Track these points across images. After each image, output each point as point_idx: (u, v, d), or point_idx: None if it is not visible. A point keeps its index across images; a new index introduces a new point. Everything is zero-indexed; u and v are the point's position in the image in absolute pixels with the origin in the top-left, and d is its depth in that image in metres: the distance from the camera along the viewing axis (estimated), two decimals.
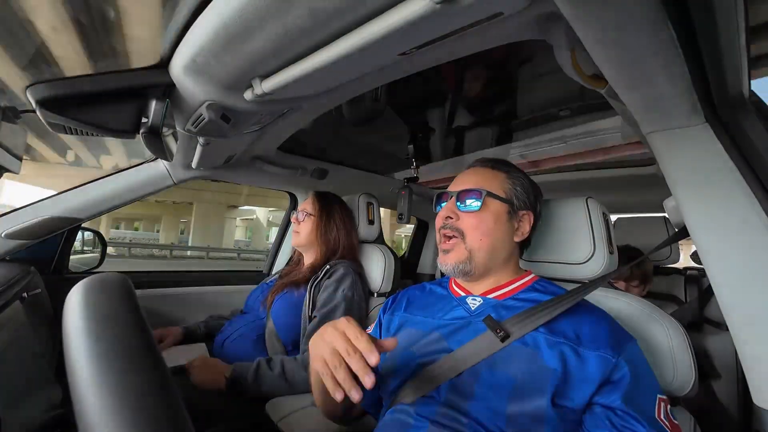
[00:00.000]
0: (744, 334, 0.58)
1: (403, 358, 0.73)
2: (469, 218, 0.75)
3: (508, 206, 0.76)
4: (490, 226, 0.74)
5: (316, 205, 1.35)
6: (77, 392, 0.25)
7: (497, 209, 0.75)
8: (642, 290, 1.44)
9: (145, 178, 1.29)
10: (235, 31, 0.54)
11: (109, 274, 0.34)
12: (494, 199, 0.75)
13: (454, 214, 0.76)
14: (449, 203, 0.78)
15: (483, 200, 0.74)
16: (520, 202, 0.77)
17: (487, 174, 0.80)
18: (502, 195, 0.76)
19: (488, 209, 0.75)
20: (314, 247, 1.32)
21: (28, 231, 1.12)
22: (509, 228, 0.77)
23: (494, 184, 0.77)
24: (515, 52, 0.88)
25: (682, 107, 0.59)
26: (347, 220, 1.38)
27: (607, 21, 0.43)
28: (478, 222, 0.74)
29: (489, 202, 0.75)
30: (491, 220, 0.74)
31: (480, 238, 0.74)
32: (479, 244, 0.74)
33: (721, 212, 0.60)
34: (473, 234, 0.74)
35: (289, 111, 0.90)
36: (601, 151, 1.52)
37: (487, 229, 0.74)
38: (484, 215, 0.74)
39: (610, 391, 0.58)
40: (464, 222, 0.75)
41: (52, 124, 0.73)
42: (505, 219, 0.76)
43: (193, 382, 1.00)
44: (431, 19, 0.47)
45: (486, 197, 0.74)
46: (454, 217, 0.76)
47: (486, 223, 0.74)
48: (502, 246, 0.76)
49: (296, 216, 1.36)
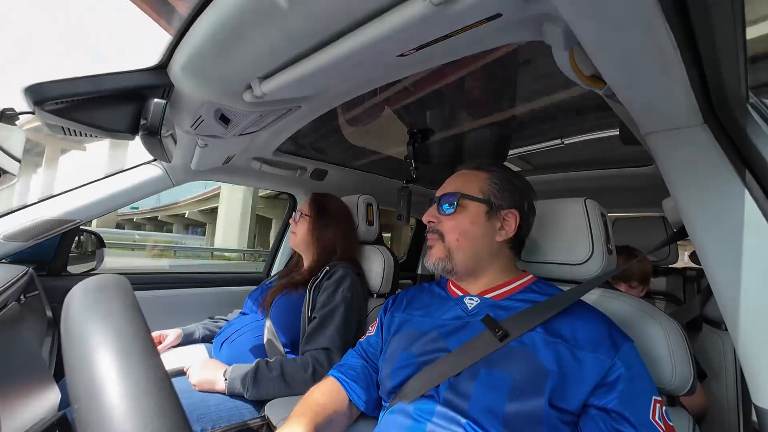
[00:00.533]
0: (743, 333, 0.58)
1: (402, 358, 0.73)
2: (447, 221, 0.78)
3: (486, 206, 0.77)
4: (466, 227, 0.76)
5: (312, 206, 1.35)
6: (76, 394, 0.25)
7: (474, 210, 0.77)
8: (641, 290, 1.44)
9: (143, 179, 1.28)
10: (234, 32, 0.54)
11: (108, 276, 0.34)
12: (470, 200, 0.77)
13: (435, 218, 0.80)
14: (432, 208, 0.82)
15: (457, 202, 0.77)
16: (500, 201, 0.78)
17: (468, 176, 0.82)
18: (479, 195, 0.78)
19: (465, 211, 0.77)
20: (311, 248, 1.32)
21: (26, 232, 1.12)
22: (489, 227, 0.77)
23: (472, 185, 0.79)
24: (514, 53, 0.88)
25: (680, 108, 0.59)
26: (345, 221, 1.38)
27: (605, 22, 0.43)
28: (454, 224, 0.77)
29: (464, 203, 0.77)
30: (467, 221, 0.76)
31: (456, 238, 0.76)
32: (457, 244, 0.76)
33: (720, 212, 0.60)
34: (451, 235, 0.77)
35: (288, 112, 0.90)
36: (600, 152, 1.53)
37: (463, 230, 0.76)
38: (459, 217, 0.77)
39: (604, 393, 0.59)
40: (443, 225, 0.79)
41: (50, 126, 0.73)
42: (483, 219, 0.77)
43: (192, 383, 1.00)
44: (430, 20, 0.47)
45: (460, 199, 0.77)
46: (435, 220, 0.80)
47: (461, 224, 0.77)
48: (482, 245, 0.77)
49: (293, 217, 1.36)
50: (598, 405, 0.58)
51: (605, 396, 0.58)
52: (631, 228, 1.78)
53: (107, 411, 0.24)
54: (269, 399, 0.97)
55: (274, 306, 1.18)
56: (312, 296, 1.17)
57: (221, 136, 0.96)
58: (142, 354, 0.28)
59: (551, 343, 0.63)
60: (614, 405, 0.57)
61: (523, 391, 0.60)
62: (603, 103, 0.71)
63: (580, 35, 0.47)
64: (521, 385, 0.60)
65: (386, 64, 0.66)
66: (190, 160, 1.20)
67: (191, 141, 1.04)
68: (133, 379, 0.26)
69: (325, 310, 1.10)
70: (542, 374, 0.60)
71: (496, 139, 1.52)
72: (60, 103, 0.67)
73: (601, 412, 0.58)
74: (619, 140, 1.28)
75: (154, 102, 0.71)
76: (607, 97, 0.64)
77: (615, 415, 0.57)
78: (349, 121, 1.32)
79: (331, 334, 1.06)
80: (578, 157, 1.62)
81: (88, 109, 0.70)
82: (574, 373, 0.60)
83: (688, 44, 0.48)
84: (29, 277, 1.06)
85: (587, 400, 0.59)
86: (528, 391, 0.59)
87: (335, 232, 1.33)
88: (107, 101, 0.71)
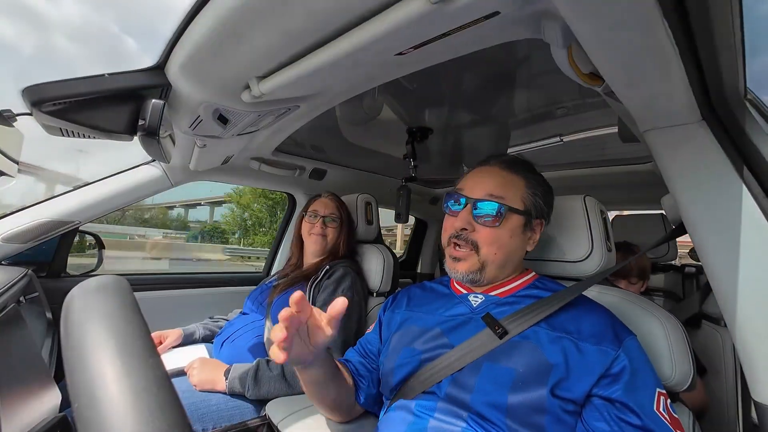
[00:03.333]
0: (742, 329, 0.58)
1: (404, 355, 0.73)
2: (485, 231, 0.71)
3: (525, 218, 0.72)
4: (506, 240, 0.71)
5: (342, 210, 1.36)
6: (76, 395, 0.25)
7: (515, 222, 0.72)
8: (641, 286, 1.44)
9: (142, 180, 1.28)
10: (231, 32, 0.54)
11: (108, 277, 0.34)
12: (513, 213, 0.71)
13: (469, 225, 0.71)
14: (464, 212, 0.72)
15: (504, 214, 0.70)
16: (536, 212, 0.74)
17: (506, 178, 0.74)
18: (521, 207, 0.72)
19: (507, 223, 0.71)
20: (326, 249, 1.33)
21: (24, 234, 1.12)
22: (523, 239, 0.74)
23: (514, 193, 0.72)
24: (512, 51, 0.88)
25: (678, 105, 0.59)
26: (350, 221, 1.41)
27: (603, 19, 0.43)
28: (495, 237, 0.70)
29: (509, 215, 0.70)
30: (507, 235, 0.71)
31: (495, 252, 0.71)
32: (493, 258, 0.71)
33: (719, 209, 0.60)
34: (489, 248, 0.71)
35: (287, 112, 0.90)
36: (599, 149, 1.53)
37: (502, 243, 0.71)
38: (501, 230, 0.70)
39: (609, 384, 0.59)
40: (480, 234, 0.71)
41: (48, 127, 0.73)
42: (520, 231, 0.73)
43: (192, 383, 1.00)
44: (428, 18, 0.47)
45: (507, 212, 0.70)
46: (469, 228, 0.71)
47: (502, 237, 0.71)
48: (514, 257, 0.75)
49: (321, 221, 1.33)
50: (603, 395, 0.59)
51: (610, 387, 0.59)
52: (630, 225, 1.78)
53: (108, 412, 0.24)
54: (270, 398, 0.97)
55: (275, 305, 1.18)
56: (312, 295, 1.17)
57: (220, 137, 0.96)
58: (142, 354, 0.28)
59: (556, 338, 0.64)
60: (618, 395, 0.58)
61: (527, 383, 0.60)
62: (602, 101, 0.71)
63: (578, 33, 0.47)
64: (524, 378, 0.60)
65: (385, 63, 0.66)
66: (189, 161, 1.20)
67: (190, 141, 1.04)
68: (134, 380, 0.26)
69: (325, 309, 1.10)
70: (546, 367, 0.61)
71: (495, 137, 1.52)
72: (58, 104, 0.66)
73: (605, 402, 0.58)
74: (618, 137, 1.28)
75: (152, 102, 0.71)
76: (606, 95, 0.64)
77: (619, 405, 0.57)
78: (348, 120, 1.32)
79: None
80: (577, 155, 1.62)
81: (86, 109, 0.70)
82: (578, 365, 0.60)
83: (686, 41, 0.48)
84: (29, 278, 1.06)
85: (591, 390, 0.59)
86: (531, 383, 0.60)
87: (343, 233, 1.35)
88: (105, 102, 0.71)
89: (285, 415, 0.88)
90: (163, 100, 0.74)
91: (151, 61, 0.70)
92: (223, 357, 1.14)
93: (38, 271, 1.30)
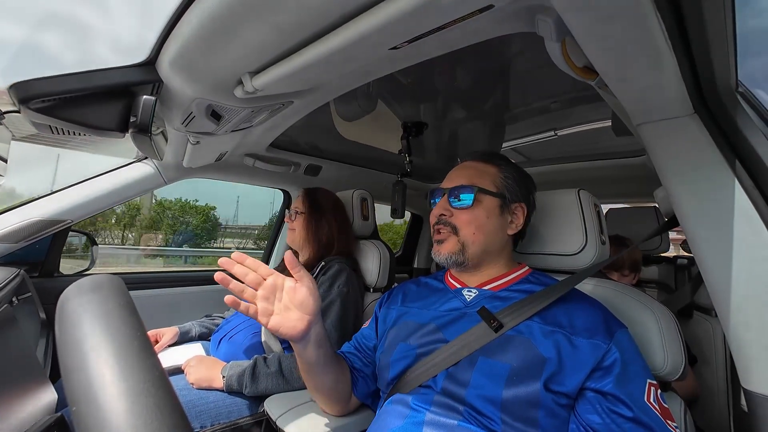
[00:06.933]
0: (733, 319, 0.59)
1: (400, 350, 0.74)
2: (462, 214, 0.77)
3: (500, 200, 0.78)
4: (482, 220, 0.76)
5: (305, 202, 1.34)
6: (74, 396, 0.25)
7: (489, 204, 0.77)
8: (633, 278, 1.46)
9: (134, 178, 1.26)
10: (223, 26, 0.53)
11: (102, 276, 0.34)
12: (486, 195, 0.77)
13: (447, 211, 0.78)
14: (442, 200, 0.80)
15: (474, 196, 0.76)
16: (512, 195, 0.79)
17: (479, 168, 0.81)
18: (494, 189, 0.78)
19: (480, 204, 0.76)
20: (308, 244, 1.32)
21: (15, 234, 1.10)
22: (502, 221, 0.78)
23: (486, 178, 0.79)
24: (506, 44, 0.88)
25: (671, 98, 0.59)
26: (340, 214, 1.38)
27: (596, 13, 0.43)
28: (471, 217, 0.76)
29: (481, 197, 0.77)
30: (483, 215, 0.76)
31: (473, 232, 0.76)
32: (472, 238, 0.76)
33: (710, 201, 0.61)
34: (467, 229, 0.76)
35: (281, 107, 0.89)
36: (592, 143, 1.54)
37: (479, 223, 0.76)
38: (476, 210, 0.76)
39: (601, 377, 0.60)
40: (457, 218, 0.77)
41: (36, 125, 0.71)
42: (497, 213, 0.77)
43: (190, 381, 1.00)
44: (421, 12, 0.47)
45: (478, 193, 0.76)
46: (447, 213, 0.78)
47: (478, 218, 0.76)
48: (495, 239, 0.77)
49: (289, 215, 1.36)
50: (595, 388, 0.60)
51: (601, 380, 0.60)
52: (623, 218, 1.80)
53: (106, 411, 0.24)
54: (268, 395, 0.97)
55: None
56: None
57: (213, 133, 0.95)
58: (139, 353, 0.28)
59: (549, 332, 0.64)
60: (610, 388, 0.59)
61: (521, 377, 0.61)
62: (596, 95, 0.72)
63: (571, 26, 0.47)
64: (519, 372, 0.62)
65: (379, 58, 0.65)
66: (182, 158, 1.19)
67: (182, 138, 1.03)
68: (131, 379, 0.26)
69: (321, 305, 1.10)
70: (540, 361, 0.62)
71: (489, 131, 1.52)
72: (47, 100, 0.65)
73: (597, 394, 0.60)
74: (611, 131, 1.29)
75: (143, 99, 0.70)
76: (599, 88, 0.64)
77: (611, 398, 0.59)
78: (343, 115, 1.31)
79: (328, 329, 1.06)
80: (571, 149, 1.62)
81: (76, 106, 0.68)
82: (571, 359, 0.61)
83: (679, 35, 0.49)
84: (21, 278, 1.05)
85: (584, 383, 0.60)
86: (525, 378, 0.61)
87: (330, 226, 1.32)
88: (95, 98, 0.69)
89: (283, 411, 0.88)
90: (155, 96, 0.73)
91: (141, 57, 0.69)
92: (220, 354, 1.14)
93: (31, 270, 1.29)
